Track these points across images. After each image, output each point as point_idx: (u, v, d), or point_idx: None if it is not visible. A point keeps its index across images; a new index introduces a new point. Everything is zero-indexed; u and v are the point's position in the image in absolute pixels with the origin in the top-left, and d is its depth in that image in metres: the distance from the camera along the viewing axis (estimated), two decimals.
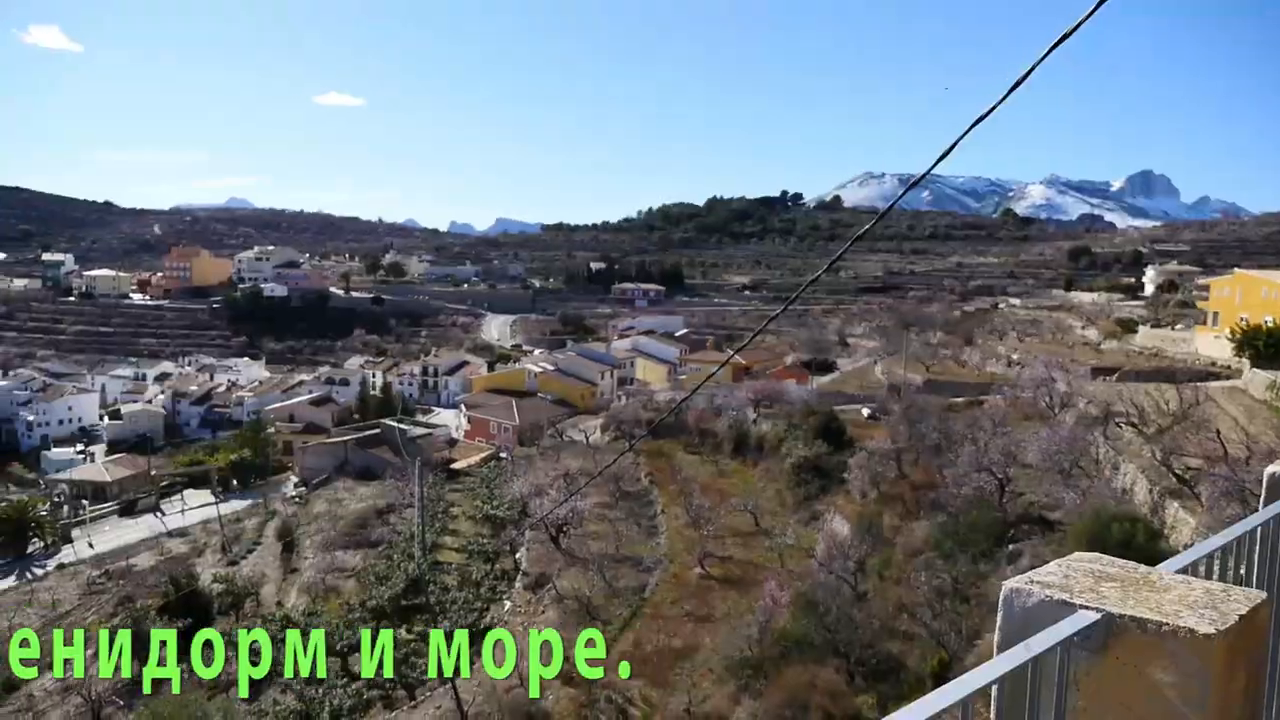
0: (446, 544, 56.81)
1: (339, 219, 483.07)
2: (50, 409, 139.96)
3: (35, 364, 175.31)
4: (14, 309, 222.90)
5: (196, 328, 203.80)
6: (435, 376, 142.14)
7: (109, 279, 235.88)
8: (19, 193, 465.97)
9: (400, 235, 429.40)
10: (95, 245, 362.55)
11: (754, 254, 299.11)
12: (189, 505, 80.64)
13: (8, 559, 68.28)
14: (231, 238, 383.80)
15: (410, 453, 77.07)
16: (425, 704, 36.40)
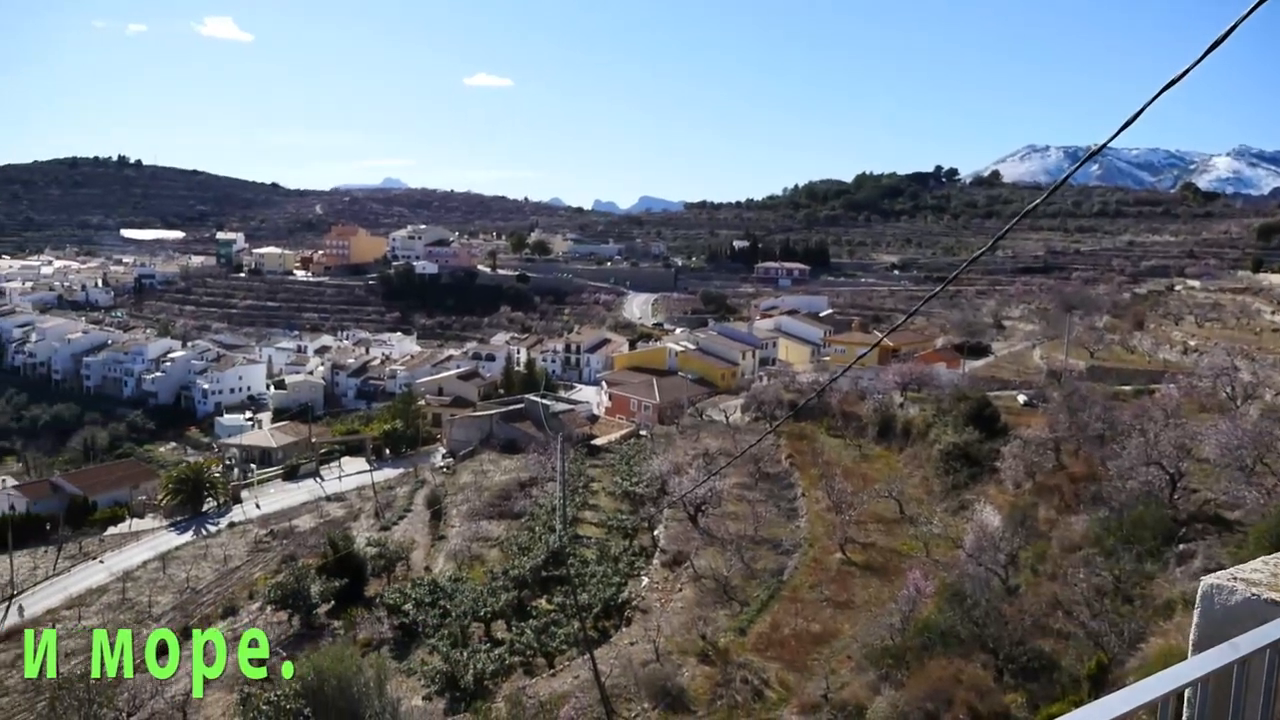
0: (586, 518, 57.63)
1: (487, 198, 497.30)
2: (223, 378, 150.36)
3: (210, 336, 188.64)
4: (192, 284, 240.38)
5: (354, 303, 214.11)
6: (577, 353, 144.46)
7: (275, 256, 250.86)
8: (196, 175, 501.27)
9: (545, 214, 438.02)
10: (263, 224, 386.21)
11: (904, 232, 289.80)
12: (346, 472, 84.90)
13: (186, 516, 73.73)
14: (386, 216, 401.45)
15: (552, 428, 78.65)
16: (564, 673, 37.02)
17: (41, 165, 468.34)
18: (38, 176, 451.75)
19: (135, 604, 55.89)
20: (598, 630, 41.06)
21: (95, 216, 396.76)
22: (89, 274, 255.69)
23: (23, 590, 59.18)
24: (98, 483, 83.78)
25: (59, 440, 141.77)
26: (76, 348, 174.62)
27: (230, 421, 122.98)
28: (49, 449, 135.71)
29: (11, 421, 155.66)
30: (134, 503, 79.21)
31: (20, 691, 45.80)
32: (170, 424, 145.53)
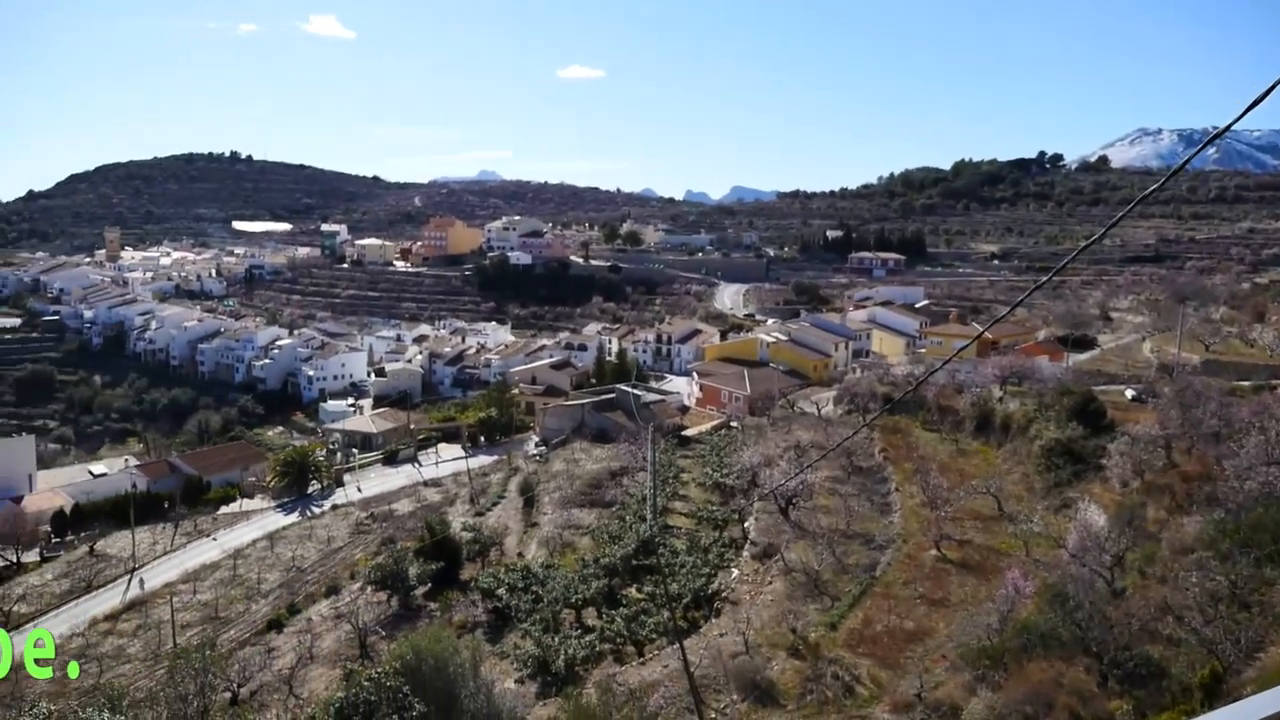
0: (676, 509, 57.79)
1: (580, 189, 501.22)
2: (326, 365, 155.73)
3: (315, 324, 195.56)
4: (298, 275, 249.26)
5: (450, 293, 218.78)
6: (668, 344, 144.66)
7: (376, 247, 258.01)
8: (303, 170, 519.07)
9: (637, 204, 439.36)
10: (365, 216, 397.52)
11: (1005, 220, 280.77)
12: (442, 458, 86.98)
13: (293, 497, 76.67)
14: (482, 208, 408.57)
15: (643, 418, 79.02)
16: (653, 662, 37.26)
17: (161, 161, 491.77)
18: (157, 172, 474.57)
19: (245, 580, 58.45)
20: (687, 620, 41.19)
21: (209, 210, 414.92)
22: (203, 265, 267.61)
23: (143, 564, 62.47)
24: (211, 464, 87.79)
25: (176, 422, 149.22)
26: (192, 335, 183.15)
27: (333, 407, 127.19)
28: (167, 431, 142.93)
29: (133, 404, 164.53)
30: (244, 484, 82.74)
31: (141, 660, 48.43)
32: (277, 409, 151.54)
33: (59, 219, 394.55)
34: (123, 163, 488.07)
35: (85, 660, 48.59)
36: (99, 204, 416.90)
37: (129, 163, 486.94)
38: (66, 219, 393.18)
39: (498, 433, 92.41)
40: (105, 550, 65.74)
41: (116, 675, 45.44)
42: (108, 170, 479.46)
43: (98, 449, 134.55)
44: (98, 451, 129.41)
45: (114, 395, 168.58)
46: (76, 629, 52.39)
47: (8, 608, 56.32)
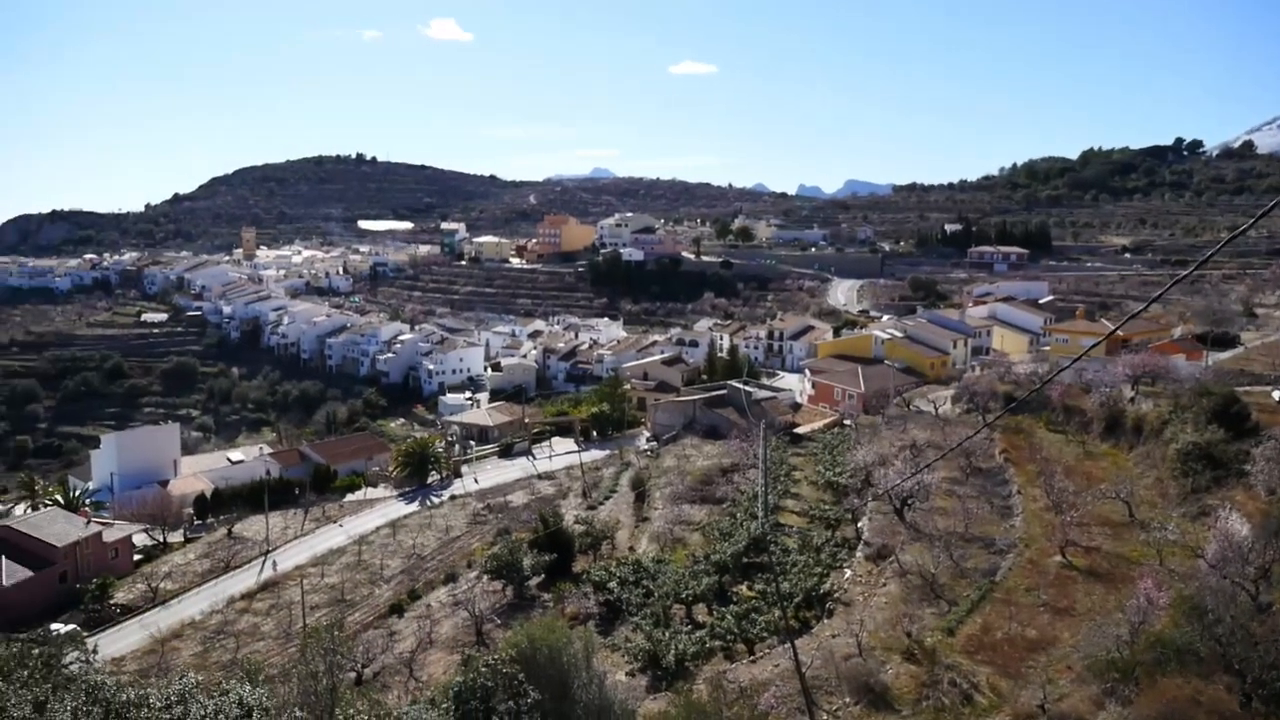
0: (788, 507, 57.25)
1: (691, 185, 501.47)
2: (445, 359, 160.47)
3: (435, 320, 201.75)
4: (419, 272, 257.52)
5: (564, 289, 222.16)
6: (780, 340, 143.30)
7: (493, 245, 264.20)
8: (424, 170, 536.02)
9: (749, 200, 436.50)
10: (482, 214, 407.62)
11: (1137, 211, 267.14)
12: (556, 451, 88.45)
13: (413, 487, 79.33)
14: (595, 205, 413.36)
15: (755, 415, 78.52)
16: (764, 660, 37.06)
17: (293, 164, 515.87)
18: (290, 174, 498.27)
19: (369, 566, 60.85)
20: (798, 620, 40.81)
21: (336, 209, 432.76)
22: (331, 263, 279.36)
23: (276, 547, 65.76)
24: (338, 453, 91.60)
25: (306, 413, 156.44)
26: (321, 330, 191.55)
27: (452, 400, 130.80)
28: (298, 421, 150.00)
29: (267, 395, 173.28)
30: (368, 473, 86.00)
31: (274, 637, 51.01)
32: (399, 401, 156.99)
33: (201, 220, 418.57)
34: (258, 166, 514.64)
35: (223, 636, 51.51)
36: (237, 205, 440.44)
37: (264, 166, 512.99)
38: (207, 220, 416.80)
39: (610, 428, 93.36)
40: (242, 533, 69.45)
41: (251, 651, 47.98)
42: (245, 173, 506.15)
43: (235, 437, 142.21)
44: (235, 440, 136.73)
45: (250, 387, 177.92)
46: (216, 606, 55.52)
47: (156, 584, 60.22)
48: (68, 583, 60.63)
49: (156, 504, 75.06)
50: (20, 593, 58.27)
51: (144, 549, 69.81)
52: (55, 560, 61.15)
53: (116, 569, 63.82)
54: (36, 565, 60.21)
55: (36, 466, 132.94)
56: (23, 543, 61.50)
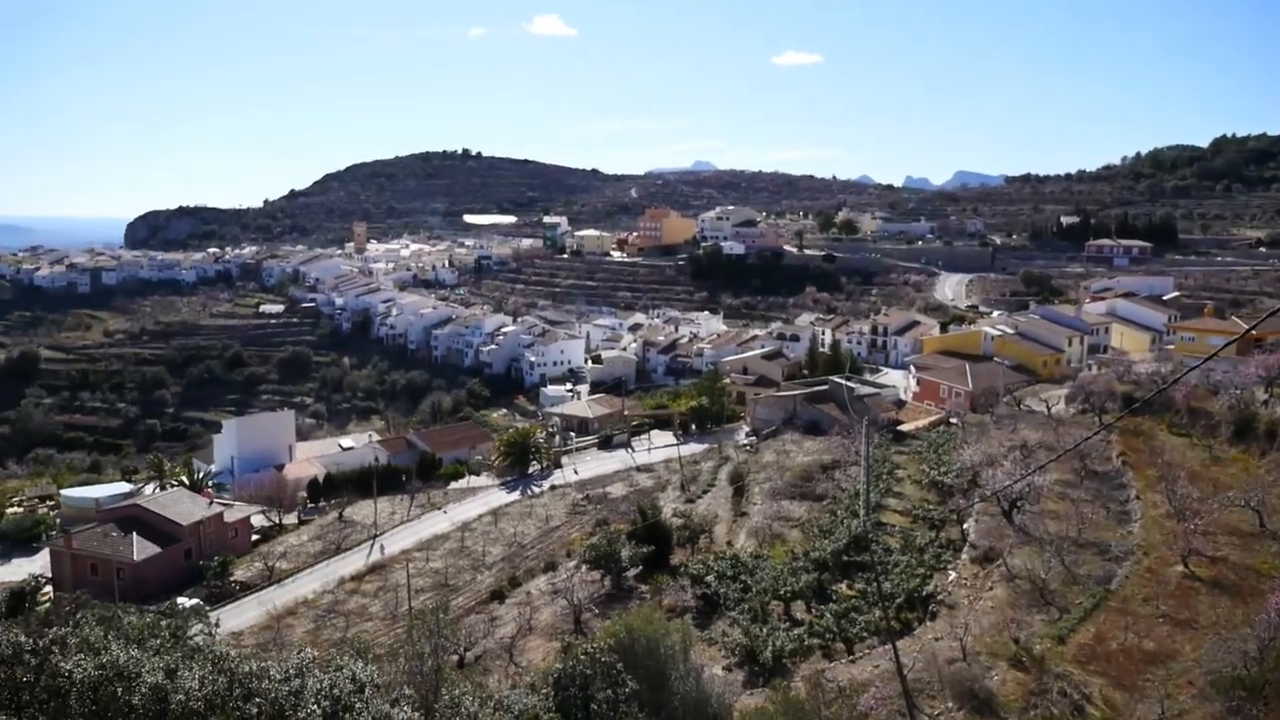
0: (890, 505, 56.07)
1: (794, 177, 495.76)
2: (547, 351, 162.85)
3: (536, 312, 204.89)
4: (522, 265, 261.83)
5: (664, 282, 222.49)
6: (884, 336, 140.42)
7: (594, 238, 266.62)
8: (527, 164, 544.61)
9: (854, 192, 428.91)
10: (584, 208, 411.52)
11: (1275, 202, 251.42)
12: (654, 444, 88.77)
13: (515, 477, 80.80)
14: (696, 198, 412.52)
15: (857, 411, 77.14)
16: (863, 660, 36.40)
17: (402, 160, 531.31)
18: (398, 170, 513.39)
19: (471, 552, 62.26)
20: (900, 621, 39.92)
21: (443, 204, 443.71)
22: (437, 256, 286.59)
23: (383, 531, 67.95)
24: (443, 442, 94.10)
25: (412, 402, 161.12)
26: (427, 321, 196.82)
27: (553, 392, 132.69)
28: (404, 410, 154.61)
29: (376, 385, 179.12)
30: (471, 461, 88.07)
31: (380, 618, 52.70)
32: (502, 392, 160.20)
33: (315, 215, 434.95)
34: (369, 162, 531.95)
35: (334, 615, 53.49)
36: (349, 201, 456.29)
37: (374, 162, 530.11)
38: (321, 215, 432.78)
39: (709, 421, 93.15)
40: (352, 517, 71.99)
41: (360, 630, 49.69)
42: (356, 170, 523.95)
43: (346, 424, 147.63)
44: (346, 427, 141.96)
45: (360, 376, 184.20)
46: (327, 586, 57.72)
47: (272, 563, 62.98)
48: (192, 559, 64.00)
49: (273, 487, 78.63)
50: (149, 567, 61.79)
51: (261, 529, 73.15)
52: (181, 538, 64.61)
53: (236, 548, 67.05)
54: (164, 542, 63.76)
55: (164, 449, 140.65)
56: (152, 520, 65.18)
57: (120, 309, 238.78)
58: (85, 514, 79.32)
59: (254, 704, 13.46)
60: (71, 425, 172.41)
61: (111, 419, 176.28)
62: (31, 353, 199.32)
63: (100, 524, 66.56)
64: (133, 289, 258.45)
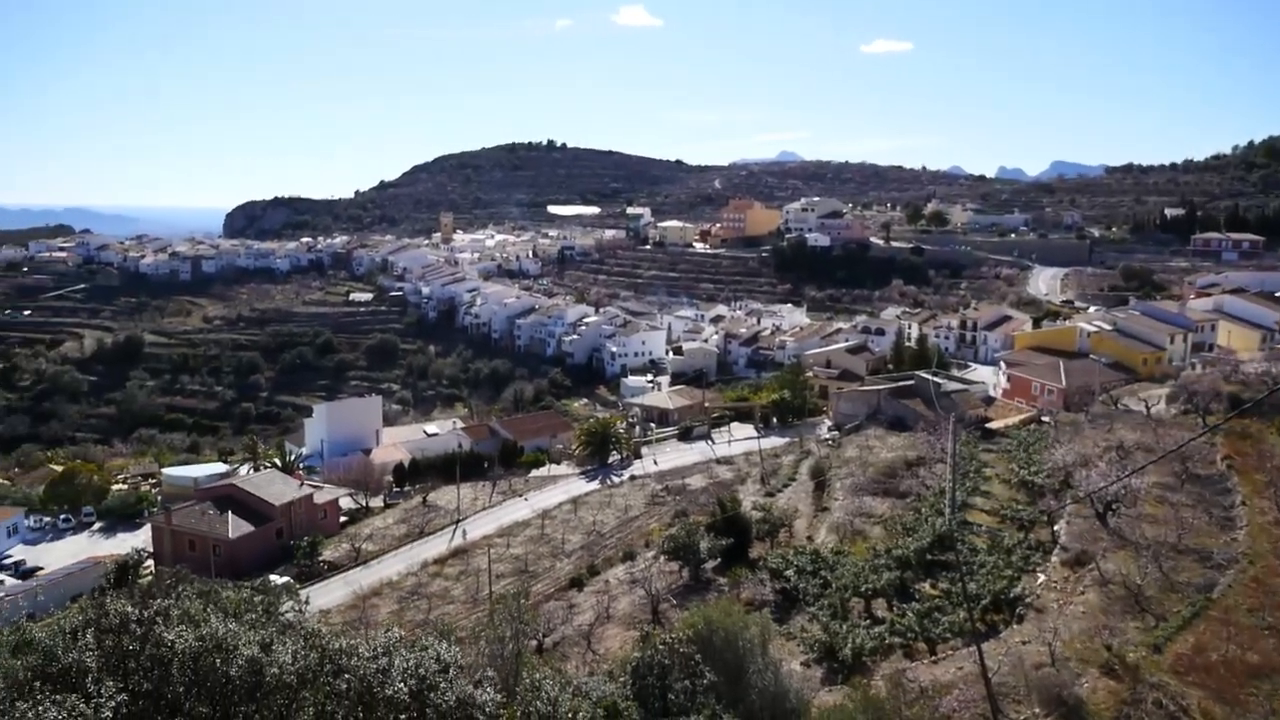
0: (977, 505, 54.68)
1: (882, 168, 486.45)
2: (628, 342, 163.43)
3: (618, 303, 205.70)
4: (604, 256, 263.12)
5: (747, 274, 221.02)
6: (973, 331, 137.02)
7: (677, 229, 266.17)
8: (611, 155, 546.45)
9: (944, 183, 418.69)
10: (667, 199, 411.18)
11: None
12: (734, 437, 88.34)
13: (594, 466, 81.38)
14: (781, 190, 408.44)
15: (944, 407, 75.43)
16: (946, 661, 35.60)
17: (488, 151, 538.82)
18: (484, 161, 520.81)
19: (551, 539, 62.94)
20: (985, 623, 38.89)
21: (527, 194, 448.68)
22: (521, 246, 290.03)
23: (466, 517, 69.21)
24: (524, 430, 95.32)
25: (495, 390, 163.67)
26: (511, 311, 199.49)
27: (633, 383, 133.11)
28: (487, 398, 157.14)
29: (460, 373, 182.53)
30: (552, 450, 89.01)
31: (462, 602, 53.68)
32: (583, 382, 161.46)
33: (403, 205, 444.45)
34: (456, 154, 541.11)
35: (417, 597, 54.70)
36: (436, 191, 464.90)
37: (461, 153, 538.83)
38: (409, 205, 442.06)
39: (790, 415, 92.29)
40: (435, 502, 73.51)
41: (441, 613, 50.72)
42: (443, 161, 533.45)
43: (430, 411, 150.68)
44: (431, 413, 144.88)
45: (445, 364, 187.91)
46: (411, 569, 59.05)
47: (358, 545, 64.74)
48: (283, 539, 66.24)
49: (360, 470, 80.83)
50: (243, 545, 64.17)
51: (349, 512, 75.28)
52: (273, 517, 66.91)
53: (325, 529, 69.12)
54: (257, 521, 66.13)
55: (258, 431, 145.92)
56: (247, 500, 67.66)
57: (219, 296, 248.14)
58: (184, 492, 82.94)
59: (343, 679, 13.84)
60: (172, 407, 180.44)
61: (209, 402, 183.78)
62: (136, 337, 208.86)
63: (198, 502, 69.45)
64: (230, 277, 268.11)
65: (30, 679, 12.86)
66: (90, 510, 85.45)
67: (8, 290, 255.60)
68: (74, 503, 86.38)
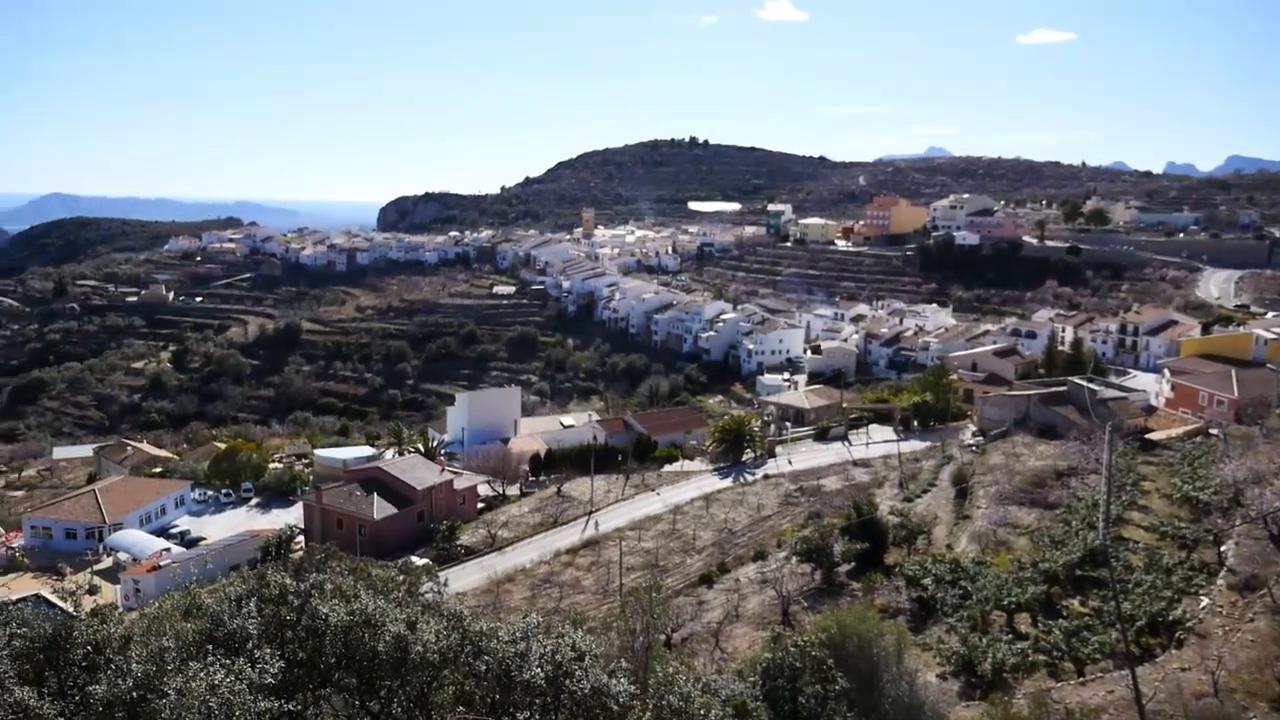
0: (1133, 520, 51.68)
1: (1037, 164, 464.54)
2: (765, 340, 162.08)
3: (757, 300, 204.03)
4: (744, 253, 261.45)
5: (890, 273, 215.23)
6: (1134, 336, 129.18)
7: (818, 227, 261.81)
8: (753, 152, 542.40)
9: (1105, 179, 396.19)
10: (809, 196, 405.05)
11: None
12: (872, 439, 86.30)
13: (728, 463, 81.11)
14: (928, 186, 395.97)
15: (1099, 416, 71.65)
16: (1095, 684, 33.82)
17: (630, 148, 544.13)
18: (626, 158, 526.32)
19: (682, 535, 63.13)
20: (1139, 645, 36.73)
21: (668, 191, 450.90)
22: (661, 242, 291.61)
23: (598, 508, 70.26)
24: (659, 425, 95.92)
25: (631, 385, 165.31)
26: (648, 306, 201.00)
27: (770, 381, 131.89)
28: (623, 391, 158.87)
29: (597, 366, 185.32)
30: (686, 446, 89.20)
31: (593, 592, 54.52)
32: (718, 379, 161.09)
33: (547, 201, 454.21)
34: (599, 150, 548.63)
35: (549, 585, 55.89)
36: (579, 187, 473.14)
37: (604, 150, 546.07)
38: (552, 201, 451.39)
39: (932, 418, 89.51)
40: (569, 492, 74.89)
41: (572, 602, 51.65)
42: (587, 157, 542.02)
43: (567, 403, 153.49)
44: (567, 405, 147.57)
45: (582, 357, 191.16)
46: (544, 557, 60.39)
47: (494, 531, 66.67)
48: (423, 522, 68.91)
49: (498, 459, 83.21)
50: (387, 526, 67.13)
51: (486, 498, 77.66)
52: (415, 501, 69.70)
53: (463, 514, 71.52)
54: (400, 504, 69.03)
55: (403, 418, 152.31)
56: (391, 483, 70.71)
57: (371, 286, 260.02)
58: (334, 473, 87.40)
59: (483, 661, 14.27)
60: (325, 392, 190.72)
61: (359, 387, 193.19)
62: (295, 325, 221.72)
63: (346, 483, 73.07)
64: (382, 268, 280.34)
65: (200, 641, 13.82)
66: (249, 486, 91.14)
67: (183, 278, 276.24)
68: (234, 479, 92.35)
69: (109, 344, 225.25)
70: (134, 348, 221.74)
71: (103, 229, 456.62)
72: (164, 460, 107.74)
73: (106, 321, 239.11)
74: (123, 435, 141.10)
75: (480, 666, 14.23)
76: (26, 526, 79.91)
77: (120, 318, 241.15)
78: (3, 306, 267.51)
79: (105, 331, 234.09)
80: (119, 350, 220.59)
